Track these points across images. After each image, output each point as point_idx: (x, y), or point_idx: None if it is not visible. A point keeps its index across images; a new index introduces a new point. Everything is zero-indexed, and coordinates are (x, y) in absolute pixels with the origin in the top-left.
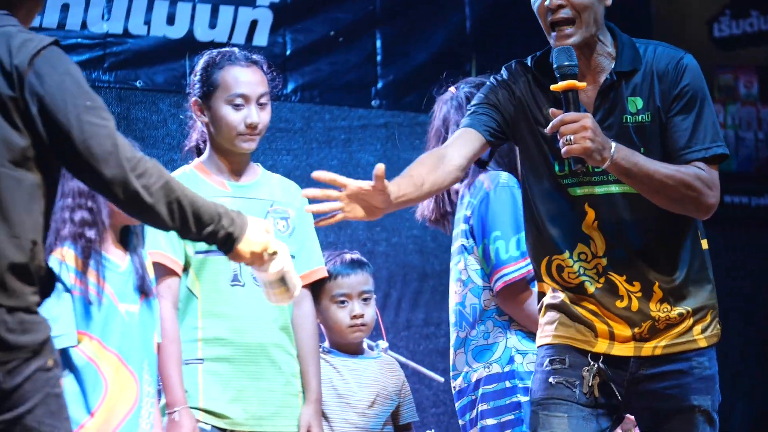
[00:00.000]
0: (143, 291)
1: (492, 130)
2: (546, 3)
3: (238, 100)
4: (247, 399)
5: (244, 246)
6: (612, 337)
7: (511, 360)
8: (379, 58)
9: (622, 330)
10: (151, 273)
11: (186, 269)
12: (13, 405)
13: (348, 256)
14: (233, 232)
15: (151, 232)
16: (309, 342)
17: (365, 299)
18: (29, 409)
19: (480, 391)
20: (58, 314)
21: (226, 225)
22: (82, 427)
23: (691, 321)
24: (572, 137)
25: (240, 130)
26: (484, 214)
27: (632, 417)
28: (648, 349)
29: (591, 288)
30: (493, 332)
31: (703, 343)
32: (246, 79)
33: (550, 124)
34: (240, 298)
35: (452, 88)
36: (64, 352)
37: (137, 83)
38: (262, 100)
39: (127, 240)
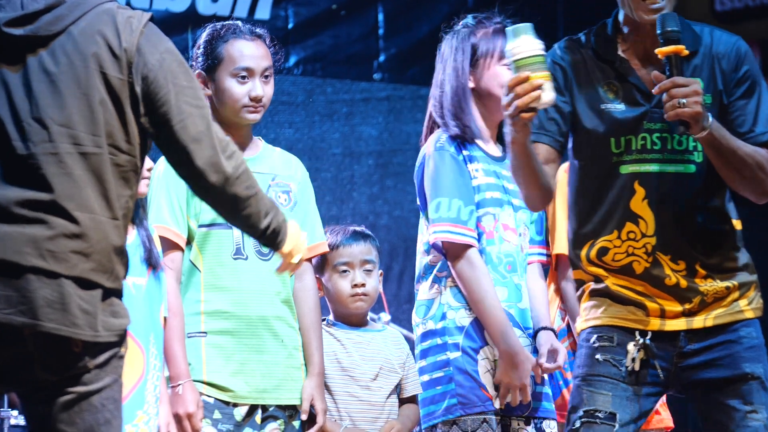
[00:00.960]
0: (151, 264)
1: (558, 137)
2: None
3: (243, 74)
4: (249, 372)
5: (290, 240)
6: (663, 314)
7: (444, 316)
8: (381, 31)
9: (673, 306)
10: (158, 246)
11: (189, 243)
12: (89, 381)
13: (351, 228)
14: (282, 226)
15: (153, 205)
16: (311, 315)
17: (367, 270)
18: (99, 389)
19: (419, 347)
20: None
21: (281, 219)
22: None
23: (737, 294)
24: (685, 101)
25: (245, 102)
26: (423, 177)
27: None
28: (699, 321)
29: (639, 268)
30: (431, 288)
31: (750, 314)
32: (250, 52)
33: (658, 86)
34: (242, 271)
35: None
36: None
37: None
38: (266, 74)
39: (134, 213)
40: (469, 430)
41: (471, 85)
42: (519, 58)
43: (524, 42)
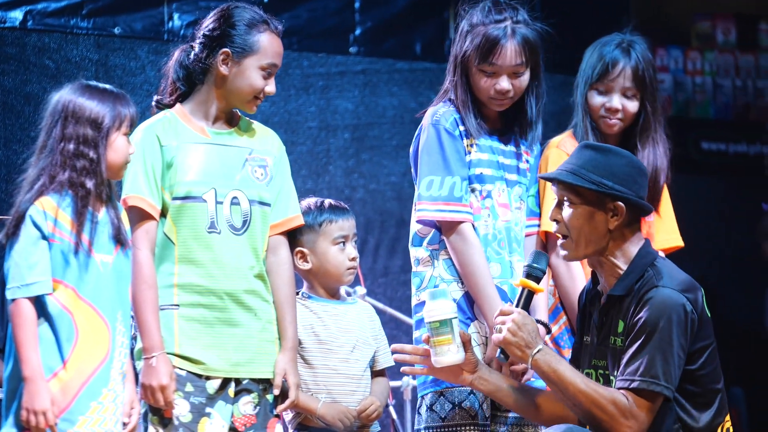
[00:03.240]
0: (119, 241)
1: None
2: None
3: (270, 70)
4: (222, 345)
5: None
6: None
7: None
8: (357, 4)
9: None
10: (126, 224)
11: (164, 215)
12: None
13: (338, 202)
14: None
15: (129, 175)
16: (285, 289)
17: (355, 242)
18: None
19: (414, 318)
20: (35, 261)
21: None
22: (56, 375)
23: None
24: (498, 327)
25: (258, 95)
26: (417, 149)
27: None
28: None
29: None
30: (423, 260)
31: None
32: (280, 50)
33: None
34: (216, 245)
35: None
36: (39, 300)
37: (115, 30)
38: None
39: (105, 191)
40: (456, 401)
41: (474, 72)
42: (430, 321)
43: (438, 306)
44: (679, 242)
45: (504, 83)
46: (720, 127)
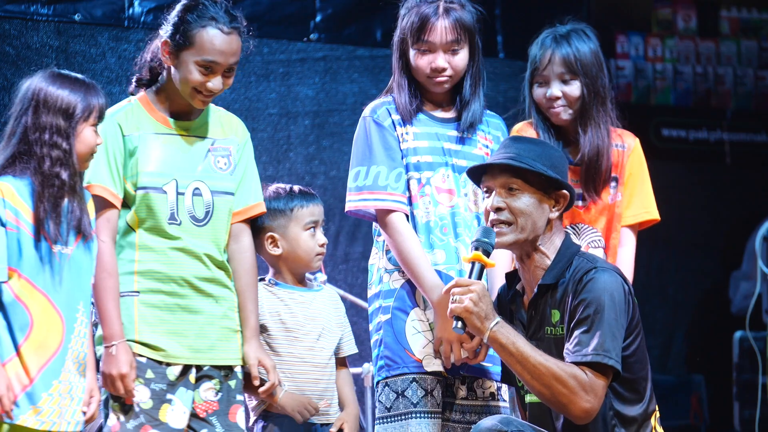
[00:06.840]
0: (80, 232)
1: None
2: (487, 205)
3: (208, 66)
4: (183, 332)
5: None
6: None
7: (381, 280)
8: None
9: None
10: (91, 214)
11: (125, 204)
12: None
13: (305, 188)
14: None
15: (93, 165)
16: (247, 277)
17: (323, 228)
18: None
19: (370, 308)
20: None
21: None
22: (10, 361)
23: None
24: (457, 297)
25: (200, 89)
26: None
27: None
28: None
29: None
30: (373, 253)
31: None
32: (222, 47)
33: (445, 288)
34: (176, 236)
35: None
36: None
37: (76, 17)
38: (231, 68)
39: (69, 183)
40: (399, 390)
41: (412, 53)
42: None
43: None
44: (655, 215)
45: (440, 61)
46: (680, 114)
